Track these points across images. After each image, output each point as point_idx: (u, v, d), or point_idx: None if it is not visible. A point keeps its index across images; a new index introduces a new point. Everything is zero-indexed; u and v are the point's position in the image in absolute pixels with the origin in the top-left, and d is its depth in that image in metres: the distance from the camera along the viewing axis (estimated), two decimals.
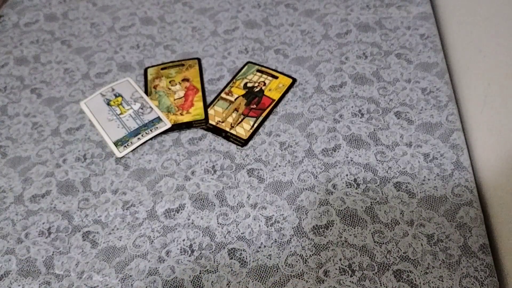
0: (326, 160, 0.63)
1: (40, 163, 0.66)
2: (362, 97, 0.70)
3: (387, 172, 0.61)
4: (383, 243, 0.55)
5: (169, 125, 0.68)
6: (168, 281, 0.54)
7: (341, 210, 0.58)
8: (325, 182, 0.61)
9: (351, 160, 0.63)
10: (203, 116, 0.70)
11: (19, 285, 0.55)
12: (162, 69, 0.77)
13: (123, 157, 0.66)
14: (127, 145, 0.67)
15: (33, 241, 0.58)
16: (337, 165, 0.62)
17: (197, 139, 0.67)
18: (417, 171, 0.61)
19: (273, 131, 0.67)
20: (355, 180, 0.61)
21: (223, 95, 0.73)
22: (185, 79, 0.75)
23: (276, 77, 0.74)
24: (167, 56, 0.80)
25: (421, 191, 0.59)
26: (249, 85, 0.73)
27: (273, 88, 0.72)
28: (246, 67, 0.76)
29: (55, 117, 0.72)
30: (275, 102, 0.70)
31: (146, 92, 0.74)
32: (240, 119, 0.69)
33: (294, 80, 0.73)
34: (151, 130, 0.68)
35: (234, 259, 0.55)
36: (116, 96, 0.73)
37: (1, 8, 0.93)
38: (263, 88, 0.73)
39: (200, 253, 0.56)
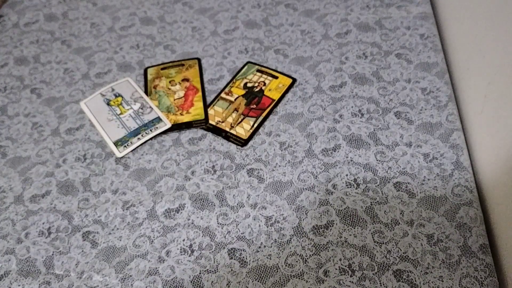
0: (326, 160, 0.63)
1: (40, 163, 0.66)
2: (362, 97, 0.70)
3: (387, 172, 0.61)
4: (383, 243, 0.55)
5: (169, 125, 0.68)
6: (168, 281, 0.54)
7: (341, 210, 0.58)
8: (325, 182, 0.61)
9: (351, 160, 0.63)
10: (203, 116, 0.70)
11: (19, 285, 0.55)
12: (162, 69, 0.77)
13: (123, 157, 0.66)
14: (127, 145, 0.67)
15: (33, 241, 0.58)
16: (337, 165, 0.62)
17: (197, 139, 0.67)
18: (417, 171, 0.61)
19: (273, 131, 0.67)
20: (355, 180, 0.61)
21: (223, 95, 0.73)
22: (185, 79, 0.75)
23: (276, 77, 0.74)
24: (167, 56, 0.80)
25: (421, 191, 0.59)
26: (249, 85, 0.73)
27: (273, 88, 0.72)
28: (246, 67, 0.76)
29: (55, 117, 0.72)
30: (275, 102, 0.70)
31: (146, 92, 0.74)
32: (240, 119, 0.69)
33: (294, 80, 0.73)
34: (151, 130, 0.68)
35: (234, 259, 0.55)
36: (116, 96, 0.73)
37: (1, 8, 0.93)
38: (263, 88, 0.73)
39: (200, 253, 0.56)
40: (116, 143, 0.67)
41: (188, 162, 0.65)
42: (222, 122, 0.69)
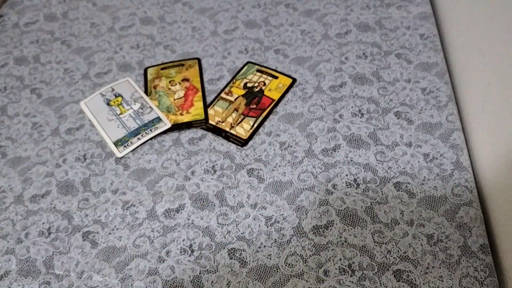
0: (326, 160, 0.63)
1: (40, 163, 0.66)
2: (362, 97, 0.70)
3: (387, 172, 0.61)
4: (383, 243, 0.55)
5: (169, 125, 0.68)
6: (168, 281, 0.54)
7: (341, 210, 0.58)
8: (325, 182, 0.61)
9: (351, 160, 0.63)
10: (203, 116, 0.70)
11: (19, 285, 0.55)
12: (162, 69, 0.77)
13: (123, 157, 0.66)
14: (127, 145, 0.67)
15: (33, 241, 0.58)
16: (337, 165, 0.62)
17: (197, 139, 0.67)
18: (417, 171, 0.61)
19: (273, 131, 0.67)
20: (355, 180, 0.61)
21: (223, 95, 0.73)
22: (185, 79, 0.75)
23: (276, 77, 0.74)
24: (167, 56, 0.80)
25: (421, 191, 0.59)
26: (249, 85, 0.73)
27: (273, 88, 0.72)
28: (246, 67, 0.76)
29: (55, 117, 0.72)
30: (275, 102, 0.70)
31: (146, 92, 0.74)
32: (240, 119, 0.69)
33: (294, 80, 0.73)
34: (151, 130, 0.68)
35: (234, 259, 0.55)
36: (116, 96, 0.73)
37: (1, 8, 0.93)
38: (263, 88, 0.73)
39: (200, 253, 0.56)
40: (116, 143, 0.67)
41: (188, 162, 0.65)
42: (222, 122, 0.69)
